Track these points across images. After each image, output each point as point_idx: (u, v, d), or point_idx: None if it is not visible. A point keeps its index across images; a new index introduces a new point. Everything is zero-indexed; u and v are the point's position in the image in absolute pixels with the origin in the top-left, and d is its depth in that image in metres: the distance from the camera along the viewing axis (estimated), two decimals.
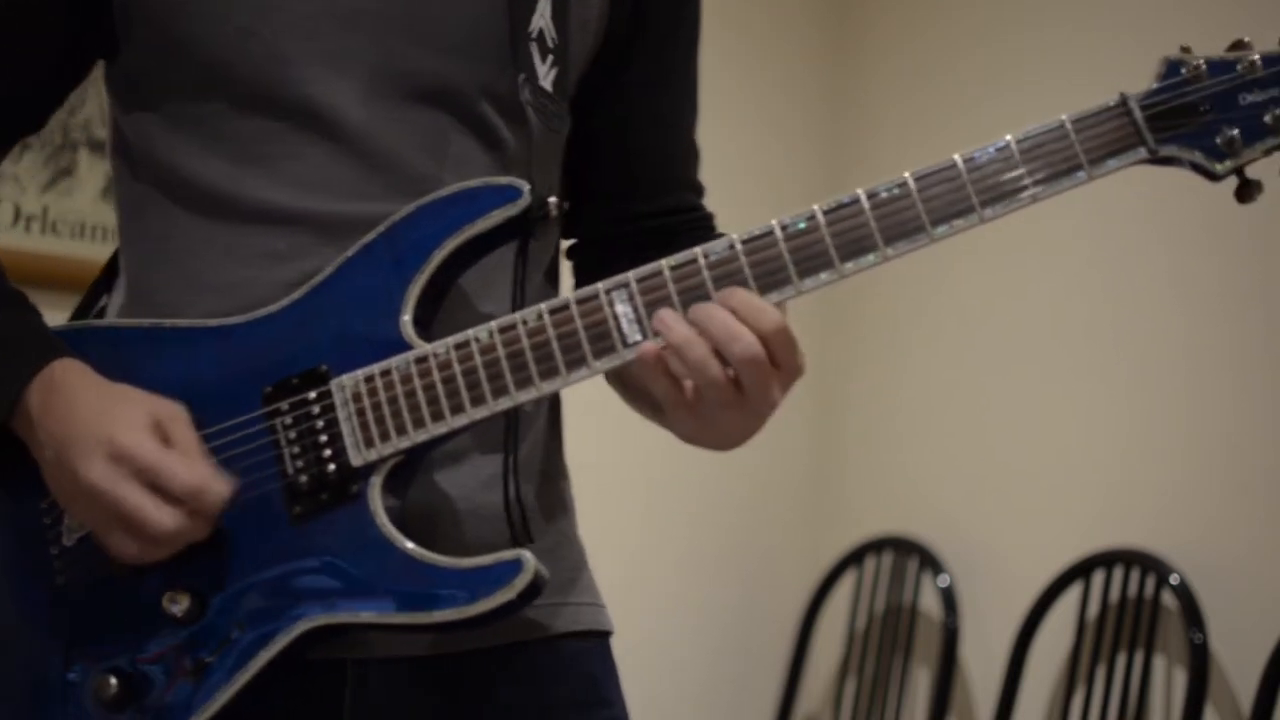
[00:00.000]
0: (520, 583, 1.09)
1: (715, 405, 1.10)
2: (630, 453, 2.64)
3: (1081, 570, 2.99)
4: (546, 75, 1.23)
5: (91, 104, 2.88)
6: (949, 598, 3.26)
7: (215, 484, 1.11)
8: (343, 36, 1.19)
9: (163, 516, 1.09)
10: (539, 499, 1.27)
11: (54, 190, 2.91)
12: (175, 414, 1.13)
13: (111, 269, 1.31)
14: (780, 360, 1.10)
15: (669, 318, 1.10)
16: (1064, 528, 3.09)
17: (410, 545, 1.12)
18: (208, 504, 1.10)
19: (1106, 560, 2.96)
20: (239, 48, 1.18)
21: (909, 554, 3.38)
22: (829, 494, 3.66)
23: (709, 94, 1.43)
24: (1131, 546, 2.94)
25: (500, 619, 1.11)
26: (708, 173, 1.41)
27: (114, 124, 1.27)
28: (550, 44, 1.24)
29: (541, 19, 1.23)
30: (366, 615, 1.12)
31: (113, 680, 1.14)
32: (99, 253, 2.97)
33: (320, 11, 1.19)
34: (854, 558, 3.48)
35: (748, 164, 3.55)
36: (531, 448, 1.27)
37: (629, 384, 1.27)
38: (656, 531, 3.44)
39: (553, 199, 1.18)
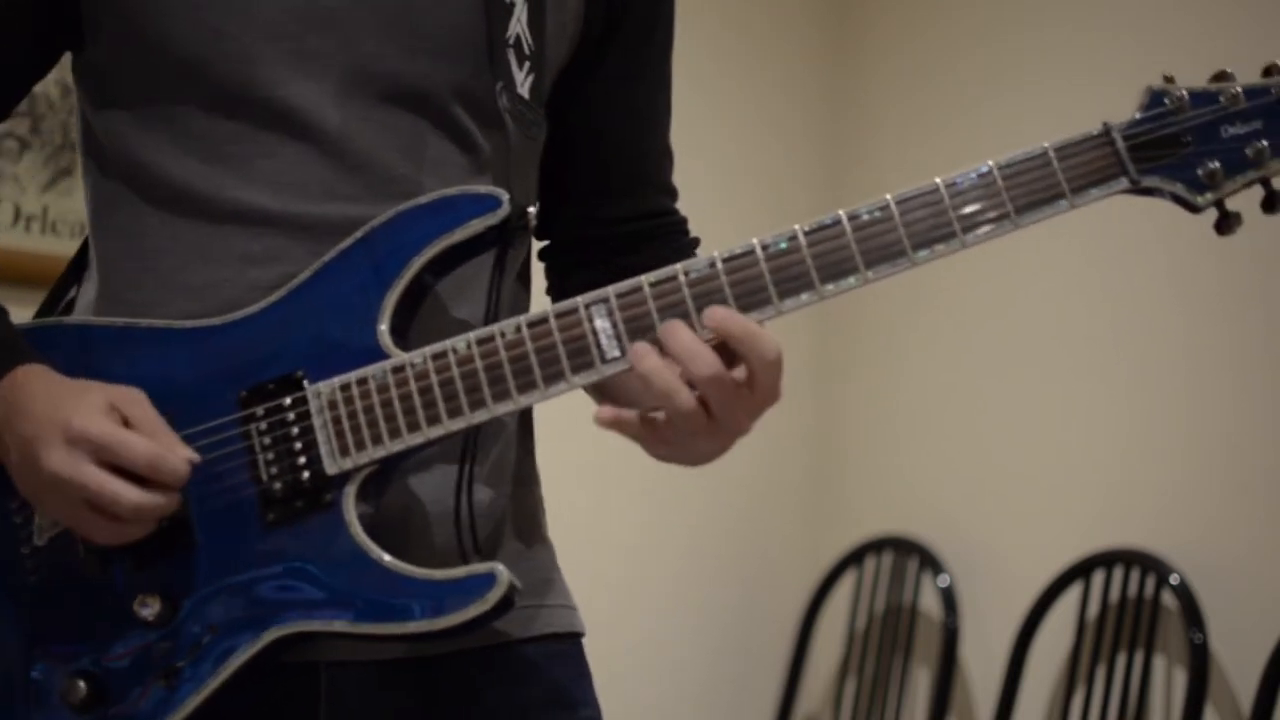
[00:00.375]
0: (493, 596, 1.09)
1: (684, 434, 1.10)
2: (630, 453, 2.63)
3: (1081, 570, 2.99)
4: (524, 82, 1.23)
5: None
6: (949, 598, 3.26)
7: (175, 452, 1.10)
8: (315, 38, 1.18)
9: (127, 492, 1.09)
10: (511, 503, 1.27)
11: (54, 190, 2.91)
12: (133, 397, 1.13)
13: (81, 260, 1.30)
14: (754, 381, 1.09)
15: (640, 348, 1.09)
16: (1064, 528, 3.09)
17: (386, 557, 1.11)
18: (169, 473, 1.10)
19: (1106, 560, 2.96)
20: (210, 46, 1.17)
21: (909, 554, 3.38)
22: (829, 494, 3.66)
23: (709, 94, 1.43)
24: (1131, 546, 2.93)
25: (472, 630, 1.11)
26: (708, 173, 1.41)
27: (83, 118, 1.26)
28: (527, 50, 1.23)
29: (518, 25, 1.23)
30: (339, 624, 1.11)
31: (81, 683, 1.14)
32: None
33: (292, 12, 1.18)
34: (854, 558, 3.48)
35: (748, 164, 3.55)
36: (502, 452, 1.26)
37: (607, 395, 1.28)
38: (657, 532, 3.44)
39: (531, 209, 1.18)
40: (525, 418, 1.32)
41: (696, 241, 1.36)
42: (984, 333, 3.35)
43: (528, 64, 1.23)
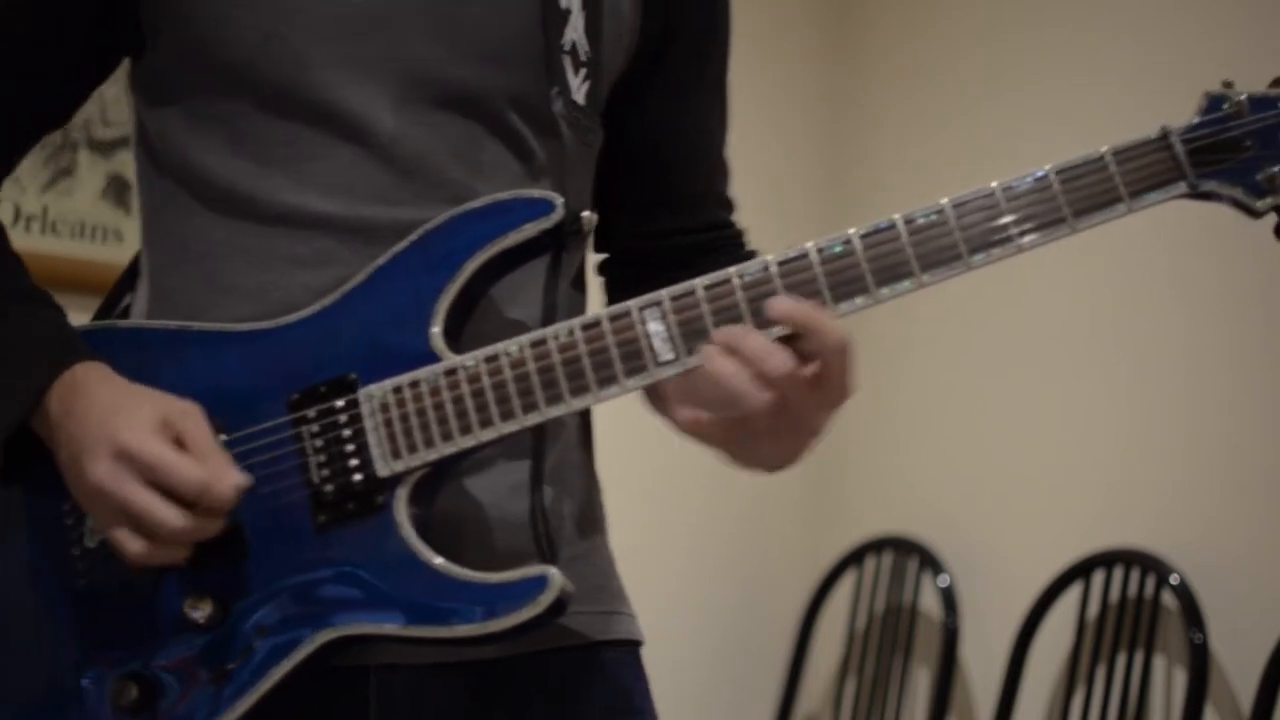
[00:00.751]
0: (545, 599, 1.08)
1: (758, 435, 1.10)
2: (630, 454, 2.64)
3: (1081, 570, 2.99)
4: (579, 88, 1.23)
5: (92, 104, 2.88)
6: (949, 598, 3.26)
7: (223, 480, 1.09)
8: (368, 41, 1.18)
9: (169, 515, 1.08)
10: (569, 507, 1.26)
11: (54, 190, 2.91)
12: (187, 411, 1.12)
13: (134, 269, 1.30)
14: (827, 372, 1.09)
15: (711, 350, 1.08)
16: (1064, 528, 3.09)
17: (437, 560, 1.11)
18: (215, 501, 1.09)
19: (1106, 560, 2.96)
20: (261, 49, 1.17)
21: (909, 554, 3.38)
22: (829, 494, 3.66)
23: None
24: (1131, 546, 2.93)
25: (524, 634, 1.10)
26: None
27: (138, 121, 1.27)
28: (583, 57, 1.23)
29: (574, 32, 1.22)
30: (389, 627, 1.11)
31: (132, 685, 1.14)
32: (99, 253, 2.97)
33: (344, 15, 1.17)
34: (854, 558, 3.48)
35: (748, 164, 3.53)
36: (562, 455, 1.26)
37: (666, 400, 1.28)
38: (657, 532, 3.43)
39: (585, 213, 1.18)
40: (586, 420, 1.31)
41: (754, 255, 1.35)
42: (984, 333, 3.35)
43: (584, 70, 1.23)
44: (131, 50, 1.24)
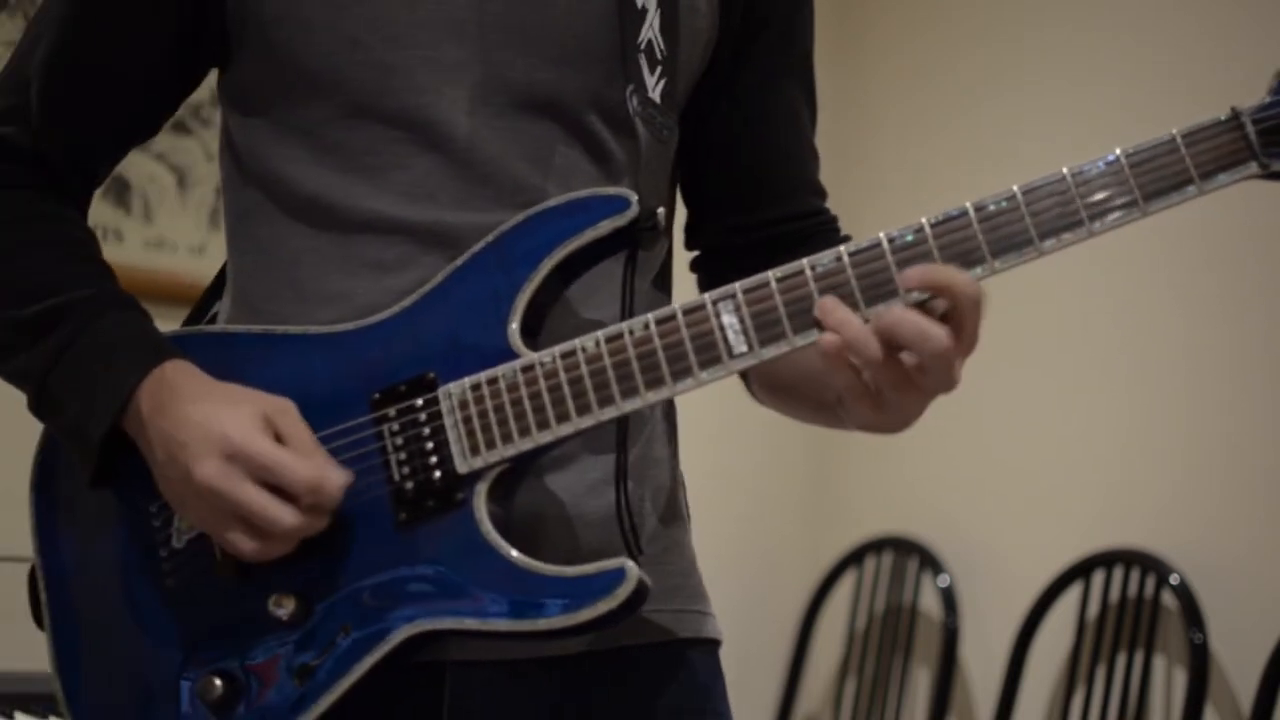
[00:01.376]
0: (623, 592, 1.09)
1: (893, 392, 1.11)
2: None
3: (1081, 570, 2.99)
4: (655, 87, 1.23)
5: None
6: (949, 598, 3.26)
7: (332, 477, 1.11)
8: (450, 46, 1.19)
9: (284, 514, 1.10)
10: (651, 502, 1.27)
11: None
12: (285, 408, 1.14)
13: (222, 278, 1.32)
14: (962, 325, 1.11)
15: (837, 310, 1.09)
16: (1064, 528, 3.09)
17: (514, 553, 1.12)
18: (326, 497, 1.11)
19: (1106, 560, 2.96)
20: (346, 57, 1.19)
21: (909, 554, 3.38)
22: (829, 494, 3.66)
23: None
24: (1131, 546, 2.94)
25: (603, 627, 1.11)
26: None
27: (225, 130, 1.29)
28: (659, 55, 1.24)
29: (650, 30, 1.23)
30: (470, 622, 1.12)
31: (218, 681, 1.16)
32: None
33: (427, 21, 1.19)
34: (854, 558, 3.48)
35: None
36: (645, 449, 1.26)
37: (780, 387, 1.27)
38: None
39: (661, 210, 1.18)
40: (670, 414, 1.31)
41: (848, 240, 1.34)
42: (984, 333, 3.34)
43: (659, 69, 1.24)
44: (218, 61, 1.26)
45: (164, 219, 3.06)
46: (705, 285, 1.36)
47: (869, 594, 3.44)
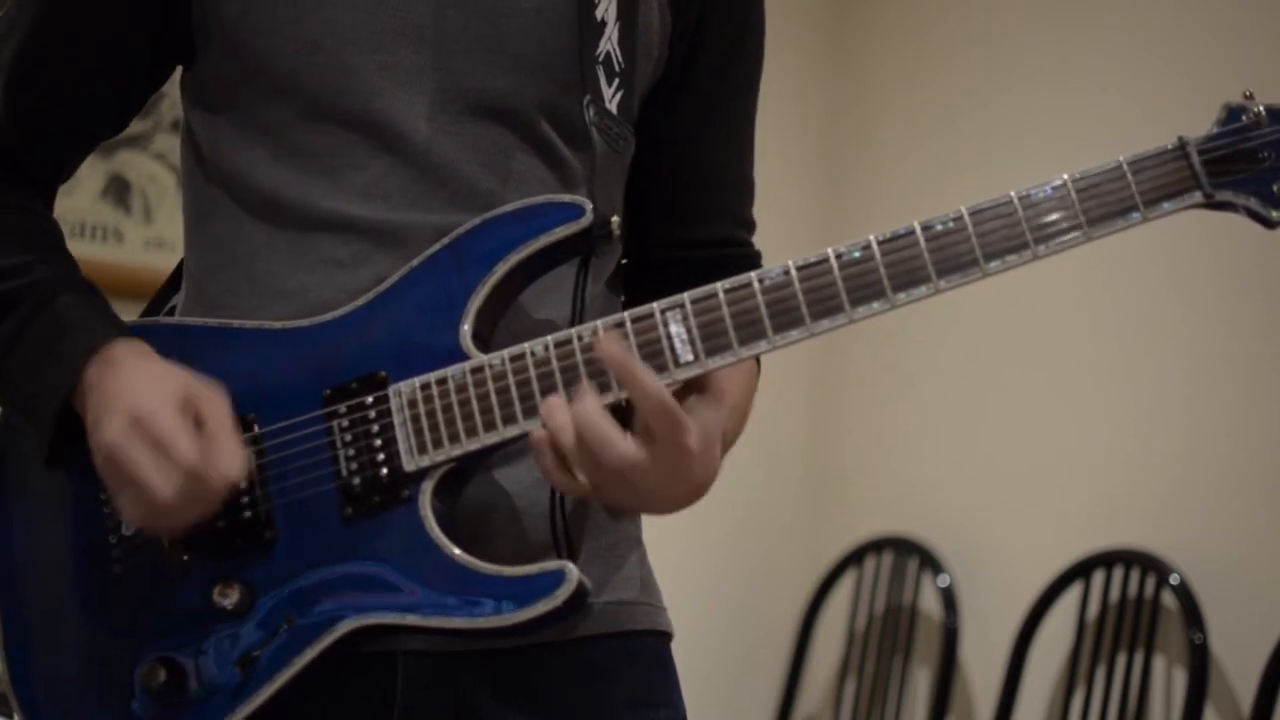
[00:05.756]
0: (563, 593, 1.11)
1: (609, 488, 1.12)
2: None
3: (1081, 570, 2.99)
4: (612, 98, 1.26)
5: None
6: (949, 598, 3.26)
7: (217, 467, 1.12)
8: (408, 52, 1.21)
9: (161, 487, 1.11)
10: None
11: None
12: (210, 394, 1.15)
13: (177, 276, 1.34)
14: (657, 443, 1.10)
15: (553, 404, 1.11)
16: (1064, 528, 3.09)
17: (456, 551, 1.14)
18: (209, 484, 1.12)
19: (1106, 560, 2.96)
20: (306, 59, 1.21)
21: (909, 554, 3.38)
22: (829, 494, 3.66)
23: None
24: (1131, 546, 2.94)
25: (545, 627, 1.13)
26: None
27: (187, 131, 1.30)
28: (617, 67, 1.26)
29: (609, 43, 1.26)
30: (412, 618, 1.14)
31: (161, 669, 1.17)
32: (99, 253, 2.98)
33: (387, 26, 1.21)
34: (854, 558, 3.48)
35: None
36: None
37: None
38: (656, 532, 3.43)
39: (615, 218, 1.20)
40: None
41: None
42: (985, 333, 3.35)
43: (617, 80, 1.26)
44: (183, 58, 1.28)
45: (164, 219, 3.06)
46: (629, 294, 1.37)
47: (869, 594, 3.44)
